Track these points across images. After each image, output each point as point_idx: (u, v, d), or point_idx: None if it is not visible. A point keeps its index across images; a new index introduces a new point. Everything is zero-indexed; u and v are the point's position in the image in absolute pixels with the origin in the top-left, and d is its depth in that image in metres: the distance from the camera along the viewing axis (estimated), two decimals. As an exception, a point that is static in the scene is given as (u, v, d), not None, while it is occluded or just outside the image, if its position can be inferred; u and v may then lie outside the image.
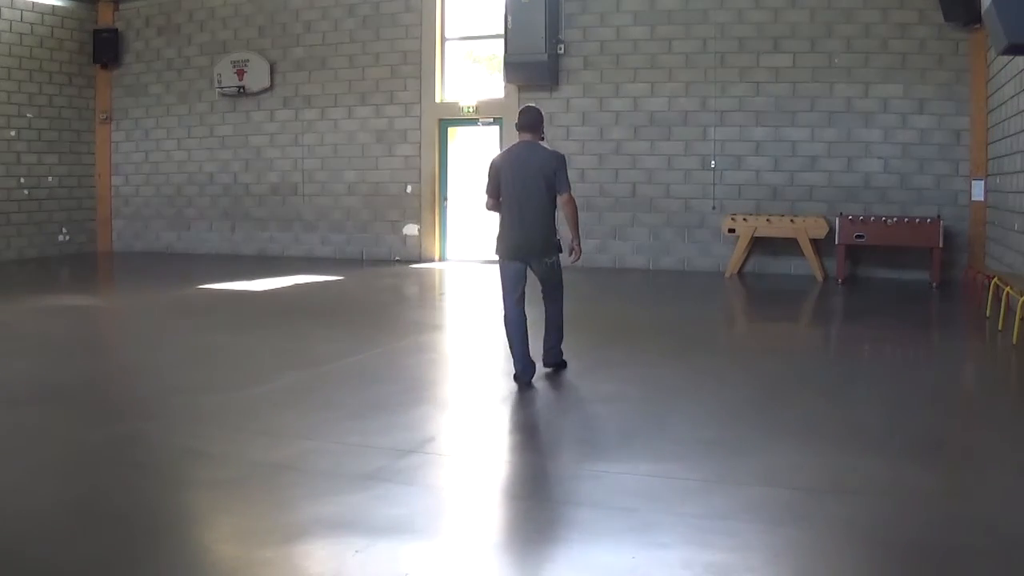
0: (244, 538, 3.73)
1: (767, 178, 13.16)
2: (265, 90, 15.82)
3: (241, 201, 16.28)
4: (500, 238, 6.39)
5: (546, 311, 6.55)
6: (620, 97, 13.80)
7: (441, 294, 12.18)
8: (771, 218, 12.80)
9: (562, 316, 6.55)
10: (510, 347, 6.36)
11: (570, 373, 6.74)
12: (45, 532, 3.69)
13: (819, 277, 12.52)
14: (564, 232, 6.53)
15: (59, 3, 15.99)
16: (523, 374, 6.29)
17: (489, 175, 6.37)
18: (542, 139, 6.48)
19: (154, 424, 5.40)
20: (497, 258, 6.46)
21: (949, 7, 11.58)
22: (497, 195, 6.34)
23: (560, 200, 6.30)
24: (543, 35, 13.59)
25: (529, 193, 6.22)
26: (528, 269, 6.36)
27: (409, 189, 15.14)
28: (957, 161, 12.36)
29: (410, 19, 14.94)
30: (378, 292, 11.82)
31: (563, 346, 6.68)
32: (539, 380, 6.45)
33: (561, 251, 6.42)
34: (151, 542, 3.63)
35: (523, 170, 6.24)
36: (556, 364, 6.67)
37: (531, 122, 6.38)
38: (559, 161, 6.30)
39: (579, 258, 6.52)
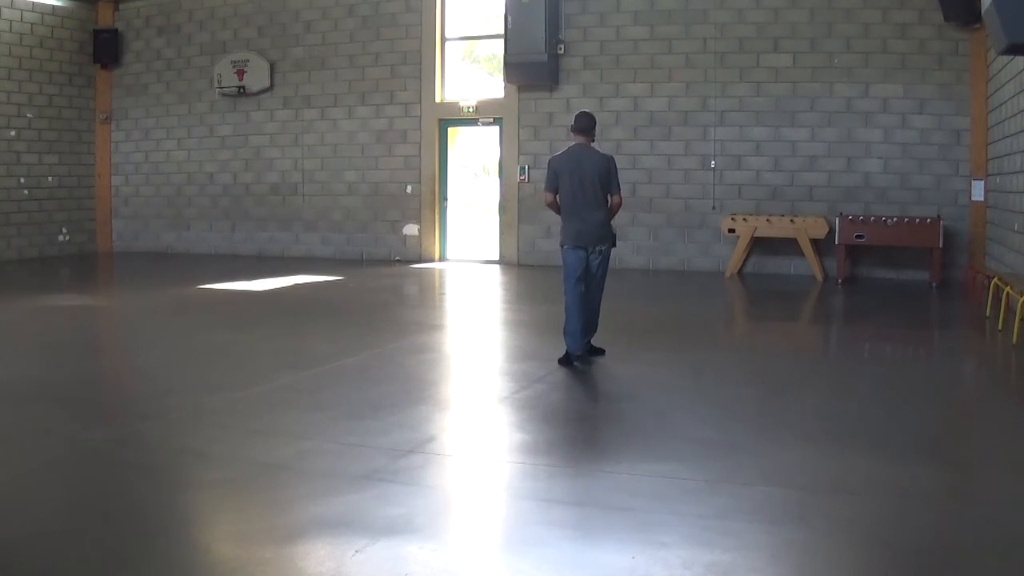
0: (243, 538, 3.72)
1: (767, 178, 13.15)
2: (265, 90, 15.82)
3: (241, 201, 16.28)
4: (564, 229, 7.07)
5: (588, 298, 7.01)
6: (620, 97, 13.80)
7: (441, 294, 12.18)
8: (771, 218, 12.79)
9: (599, 304, 7.07)
10: (566, 323, 6.96)
11: (570, 373, 6.76)
12: (45, 532, 3.68)
13: (819, 277, 12.51)
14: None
15: (59, 3, 15.99)
16: (571, 349, 6.91)
17: (548, 173, 7.10)
18: (593, 141, 7.08)
19: (153, 424, 5.39)
20: (562, 246, 7.10)
21: (949, 7, 11.57)
22: (555, 190, 7.01)
23: (612, 199, 7.00)
24: (543, 35, 13.59)
25: (585, 191, 6.91)
26: (586, 255, 6.97)
27: (409, 189, 15.13)
28: (957, 161, 12.36)
29: (410, 19, 14.94)
30: (378, 292, 11.80)
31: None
32: (539, 380, 6.50)
33: (615, 244, 7.07)
34: (150, 542, 3.63)
35: (579, 171, 6.91)
36: (589, 353, 7.10)
37: (585, 126, 7.01)
38: (611, 164, 6.97)
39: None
